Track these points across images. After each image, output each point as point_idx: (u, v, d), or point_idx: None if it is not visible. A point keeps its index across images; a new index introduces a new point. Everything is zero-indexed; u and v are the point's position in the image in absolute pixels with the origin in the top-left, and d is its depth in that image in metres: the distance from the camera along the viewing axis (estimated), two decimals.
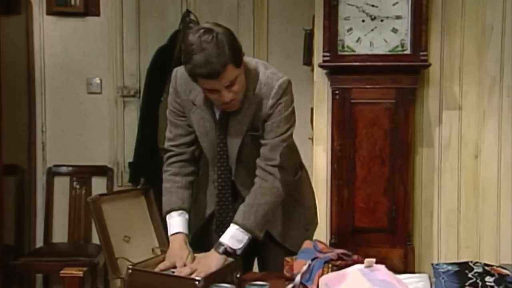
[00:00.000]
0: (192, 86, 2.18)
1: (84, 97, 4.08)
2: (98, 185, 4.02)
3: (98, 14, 4.02)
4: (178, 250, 2.16)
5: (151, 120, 3.86)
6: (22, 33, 3.95)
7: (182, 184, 2.29)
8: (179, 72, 2.24)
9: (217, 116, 2.20)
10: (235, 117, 2.17)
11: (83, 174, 4.06)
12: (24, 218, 3.94)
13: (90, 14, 4.01)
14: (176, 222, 2.23)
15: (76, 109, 4.08)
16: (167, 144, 2.34)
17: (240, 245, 2.11)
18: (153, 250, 2.34)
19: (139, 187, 2.42)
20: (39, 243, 4.04)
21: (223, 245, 2.11)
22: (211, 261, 2.09)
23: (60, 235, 4.03)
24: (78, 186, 4.03)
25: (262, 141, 2.18)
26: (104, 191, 4.01)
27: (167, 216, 2.26)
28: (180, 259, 2.12)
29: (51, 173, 4.06)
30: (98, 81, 4.08)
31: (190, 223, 2.28)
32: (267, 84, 2.16)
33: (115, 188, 4.04)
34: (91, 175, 4.07)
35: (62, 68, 4.07)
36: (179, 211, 2.24)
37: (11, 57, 3.75)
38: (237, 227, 2.12)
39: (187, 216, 2.25)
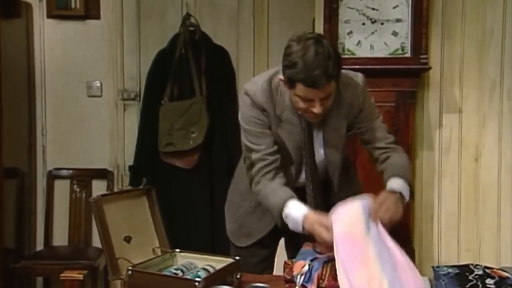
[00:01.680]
0: (275, 101, 2.22)
1: (84, 100, 4.09)
2: (98, 188, 4.02)
3: (98, 17, 4.03)
4: (325, 219, 2.04)
5: (151, 123, 3.88)
6: (22, 36, 3.96)
7: (283, 183, 2.25)
8: (254, 88, 2.25)
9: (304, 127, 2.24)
10: (328, 126, 2.24)
11: (83, 177, 4.06)
12: (24, 221, 3.95)
13: (90, 17, 4.02)
14: (299, 205, 2.15)
15: (76, 112, 4.09)
16: (256, 156, 2.26)
17: (407, 196, 2.17)
18: (154, 250, 2.35)
19: (141, 187, 2.42)
20: (40, 246, 4.05)
21: (397, 191, 2.15)
22: (395, 203, 2.10)
23: (60, 238, 4.03)
24: (78, 189, 4.04)
25: (364, 129, 2.32)
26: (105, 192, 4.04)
27: (285, 208, 2.16)
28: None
29: (52, 176, 4.06)
30: (98, 84, 4.08)
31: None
32: (350, 84, 2.25)
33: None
34: (91, 178, 4.07)
35: (63, 71, 4.08)
36: (294, 200, 2.17)
37: (12, 60, 3.76)
38: (402, 180, 2.19)
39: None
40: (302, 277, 2.01)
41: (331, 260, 2.02)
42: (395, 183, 2.20)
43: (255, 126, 2.27)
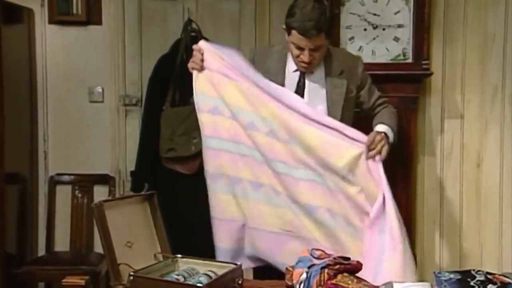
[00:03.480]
0: (268, 58, 2.68)
1: (86, 106, 4.10)
2: (100, 193, 4.02)
3: (100, 23, 4.04)
4: None
5: (153, 129, 3.86)
6: (24, 42, 3.98)
7: None
8: (258, 48, 2.93)
9: (295, 82, 2.62)
10: (329, 82, 2.62)
11: (85, 183, 4.06)
12: (26, 226, 3.95)
13: (92, 23, 4.03)
14: None
15: (78, 118, 4.09)
16: None
17: (390, 137, 2.55)
18: (155, 256, 2.36)
19: (142, 193, 2.43)
20: (41, 251, 4.04)
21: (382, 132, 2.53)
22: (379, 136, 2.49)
23: (62, 243, 4.03)
24: (80, 195, 4.05)
25: (368, 106, 2.72)
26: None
27: None
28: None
29: (53, 182, 4.06)
30: (100, 90, 4.09)
31: None
32: (351, 56, 2.73)
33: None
34: (93, 183, 4.07)
35: (64, 77, 4.08)
36: None
37: (14, 66, 3.77)
38: (386, 126, 2.57)
39: None
40: (302, 285, 2.02)
41: (328, 265, 2.03)
42: (380, 127, 2.57)
43: None
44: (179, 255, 2.39)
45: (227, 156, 2.58)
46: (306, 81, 2.63)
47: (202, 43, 2.71)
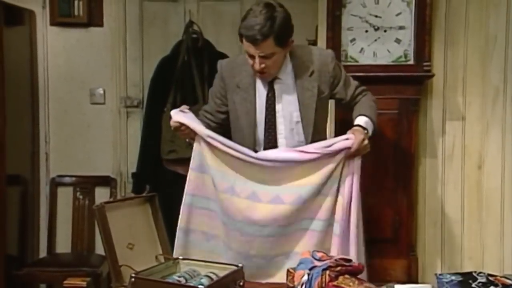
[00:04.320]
0: (237, 72, 2.59)
1: (88, 107, 4.11)
2: (102, 195, 4.03)
3: (101, 25, 4.05)
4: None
5: (154, 130, 3.88)
6: (25, 43, 3.99)
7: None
8: (224, 62, 2.68)
9: (265, 93, 2.57)
10: (299, 86, 2.55)
11: (86, 185, 4.07)
12: (27, 228, 3.96)
13: (93, 25, 4.04)
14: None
15: (79, 119, 4.10)
16: (201, 112, 2.77)
17: (370, 130, 2.50)
18: (157, 257, 2.37)
19: (144, 194, 2.44)
20: (43, 253, 4.06)
21: (361, 126, 2.49)
22: (360, 134, 2.44)
23: (63, 245, 4.04)
24: (81, 197, 4.05)
25: (347, 100, 2.66)
26: (107, 199, 4.04)
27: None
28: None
29: (55, 183, 4.07)
30: (101, 92, 4.10)
31: None
32: (321, 55, 2.60)
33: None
34: (95, 185, 4.08)
35: (65, 78, 4.09)
36: None
37: (15, 68, 3.78)
38: (366, 118, 2.52)
39: None
40: (303, 287, 2.03)
41: (330, 267, 2.04)
42: (360, 119, 2.53)
43: (210, 94, 2.76)
44: (180, 257, 2.40)
45: (203, 213, 2.54)
46: (276, 89, 2.57)
47: (175, 117, 2.59)
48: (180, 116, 2.57)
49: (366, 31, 3.26)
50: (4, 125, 3.62)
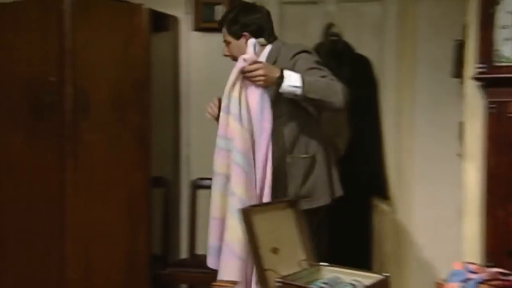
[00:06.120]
0: None
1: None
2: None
3: None
4: None
5: None
6: (170, 49, 4.19)
7: None
8: None
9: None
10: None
11: None
12: (170, 229, 4.14)
13: None
14: None
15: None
16: None
17: (290, 83, 2.59)
18: (299, 263, 2.41)
19: (287, 199, 2.50)
20: (184, 254, 4.22)
21: (283, 71, 2.61)
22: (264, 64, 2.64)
23: (204, 246, 4.00)
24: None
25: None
26: None
27: None
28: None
29: (195, 186, 4.17)
30: None
31: None
32: (291, 47, 2.86)
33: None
34: None
35: (206, 83, 4.20)
36: None
37: (160, 73, 3.98)
38: (299, 75, 2.61)
39: None
40: None
41: (486, 280, 1.99)
42: (291, 73, 2.65)
43: None
44: (324, 263, 2.43)
45: (222, 153, 2.69)
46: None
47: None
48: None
49: None
50: (150, 128, 3.82)
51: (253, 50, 2.70)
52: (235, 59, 2.80)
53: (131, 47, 3.81)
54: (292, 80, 2.60)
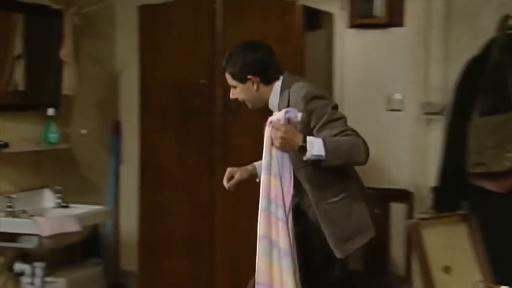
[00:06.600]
0: None
1: (384, 114, 4.05)
2: (397, 210, 3.94)
3: (401, 24, 3.98)
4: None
5: (458, 140, 3.66)
6: (323, 47, 4.08)
7: None
8: None
9: None
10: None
11: (380, 198, 3.83)
12: None
13: (393, 25, 3.98)
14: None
15: (375, 127, 4.02)
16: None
17: (312, 149, 2.50)
18: (475, 285, 2.16)
19: (459, 212, 2.23)
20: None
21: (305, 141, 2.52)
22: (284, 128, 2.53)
23: (356, 263, 3.97)
24: (377, 211, 3.95)
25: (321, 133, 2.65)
26: (403, 217, 3.93)
27: None
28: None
29: None
30: (400, 97, 4.02)
31: None
32: (295, 92, 2.67)
33: (415, 215, 3.88)
34: (390, 199, 3.98)
35: (362, 83, 4.10)
36: None
37: (312, 73, 3.83)
38: (321, 142, 2.52)
39: None
40: None
41: None
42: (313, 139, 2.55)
43: None
44: (505, 286, 2.15)
45: (266, 215, 2.61)
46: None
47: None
48: None
49: None
50: None
51: (283, 117, 2.57)
52: (245, 102, 2.81)
53: (283, 46, 3.64)
54: (315, 149, 2.52)
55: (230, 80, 2.77)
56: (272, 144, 2.56)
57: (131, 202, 4.37)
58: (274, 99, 2.74)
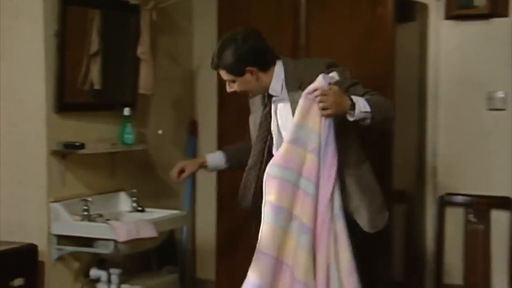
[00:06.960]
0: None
1: (484, 114, 3.80)
2: (499, 219, 3.73)
3: (505, 15, 3.70)
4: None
5: None
6: (415, 41, 3.87)
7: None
8: None
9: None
10: (294, 103, 2.63)
11: (480, 206, 3.76)
12: (412, 252, 3.86)
13: (496, 16, 3.71)
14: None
15: (474, 128, 3.83)
16: None
17: (360, 106, 2.49)
18: None
19: None
20: (428, 282, 3.89)
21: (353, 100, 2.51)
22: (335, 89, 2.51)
23: (453, 275, 3.81)
24: (475, 220, 3.78)
25: None
26: (506, 227, 3.71)
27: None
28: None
29: (443, 203, 3.87)
30: (502, 95, 3.75)
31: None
32: (314, 64, 2.72)
33: None
34: (491, 207, 3.76)
35: (459, 80, 3.87)
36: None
37: (404, 69, 3.63)
38: (363, 98, 2.53)
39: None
40: None
41: None
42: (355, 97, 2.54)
43: None
44: None
45: (289, 187, 2.54)
46: (273, 105, 2.79)
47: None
48: None
49: None
50: (392, 134, 3.49)
51: (323, 83, 2.51)
52: (246, 94, 2.80)
53: (372, 40, 3.52)
54: (361, 106, 2.51)
55: (226, 76, 2.73)
56: (320, 115, 2.49)
57: (208, 207, 4.25)
58: (275, 84, 2.73)
